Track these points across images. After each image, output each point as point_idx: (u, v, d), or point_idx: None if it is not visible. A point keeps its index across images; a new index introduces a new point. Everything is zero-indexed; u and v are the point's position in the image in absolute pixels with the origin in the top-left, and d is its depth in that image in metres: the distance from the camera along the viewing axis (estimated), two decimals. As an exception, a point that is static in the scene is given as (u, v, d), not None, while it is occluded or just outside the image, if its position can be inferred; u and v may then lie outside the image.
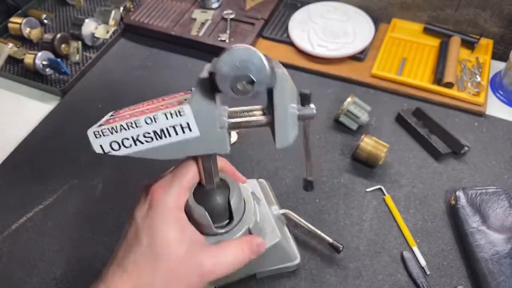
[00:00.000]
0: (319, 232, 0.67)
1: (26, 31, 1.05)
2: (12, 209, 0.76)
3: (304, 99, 0.48)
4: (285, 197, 0.76)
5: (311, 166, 0.54)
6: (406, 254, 0.67)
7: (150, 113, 0.46)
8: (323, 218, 0.73)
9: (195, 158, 0.51)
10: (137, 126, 0.47)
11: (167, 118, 0.46)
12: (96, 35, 1.03)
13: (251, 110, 0.51)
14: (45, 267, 0.69)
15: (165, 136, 0.48)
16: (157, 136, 0.48)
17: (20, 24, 1.04)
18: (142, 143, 0.48)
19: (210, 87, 0.44)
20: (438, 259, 0.67)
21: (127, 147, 0.48)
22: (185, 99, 0.47)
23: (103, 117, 0.54)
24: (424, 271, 0.66)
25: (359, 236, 0.70)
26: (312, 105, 0.49)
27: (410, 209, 0.73)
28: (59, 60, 0.94)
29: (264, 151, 0.83)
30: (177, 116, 0.46)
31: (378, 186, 0.76)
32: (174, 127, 0.47)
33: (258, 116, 0.50)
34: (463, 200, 0.71)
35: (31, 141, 0.87)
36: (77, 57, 1.01)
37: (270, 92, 0.47)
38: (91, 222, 0.74)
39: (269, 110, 0.50)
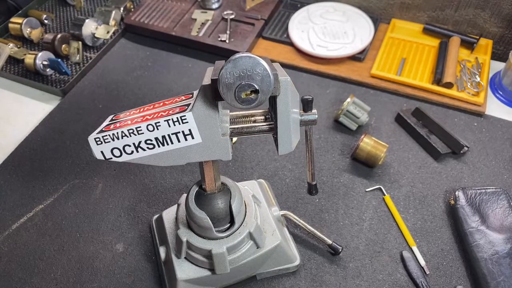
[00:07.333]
0: (318, 233, 0.67)
1: (26, 31, 1.05)
2: (13, 209, 0.76)
3: (306, 105, 0.48)
4: (285, 197, 0.76)
5: (314, 170, 0.54)
6: (406, 254, 0.67)
7: (152, 120, 0.46)
8: (323, 218, 0.73)
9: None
10: (139, 133, 0.47)
11: (169, 125, 0.46)
12: (96, 35, 1.03)
13: (253, 115, 0.51)
14: (45, 267, 0.69)
15: (167, 143, 0.47)
16: (159, 143, 0.47)
17: (21, 24, 1.04)
18: (144, 149, 0.48)
19: (212, 94, 0.44)
20: (438, 259, 0.68)
21: (128, 154, 0.48)
22: (187, 105, 0.47)
23: (103, 117, 0.54)
24: (424, 270, 0.66)
25: (358, 236, 0.71)
26: (314, 110, 0.48)
27: (410, 209, 0.74)
28: (59, 60, 0.94)
29: (264, 151, 0.83)
30: (179, 123, 0.46)
31: (377, 186, 0.76)
32: (176, 134, 0.47)
33: (260, 123, 0.49)
34: (462, 200, 0.71)
35: (32, 141, 0.87)
36: (77, 57, 1.01)
37: (272, 99, 0.47)
38: (91, 222, 0.74)
39: (271, 115, 0.50)
